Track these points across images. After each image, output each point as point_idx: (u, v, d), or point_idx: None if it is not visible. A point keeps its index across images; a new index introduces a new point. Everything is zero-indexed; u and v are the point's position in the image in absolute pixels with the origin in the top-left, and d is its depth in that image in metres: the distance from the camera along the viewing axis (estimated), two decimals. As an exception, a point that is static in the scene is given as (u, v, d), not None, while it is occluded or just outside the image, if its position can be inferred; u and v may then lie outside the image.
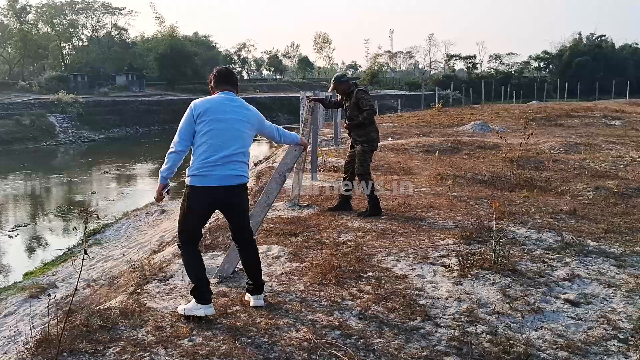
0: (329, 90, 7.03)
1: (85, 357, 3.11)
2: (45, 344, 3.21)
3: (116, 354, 3.15)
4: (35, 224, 14.33)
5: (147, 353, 3.17)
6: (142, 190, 19.33)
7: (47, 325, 3.50)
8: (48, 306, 4.07)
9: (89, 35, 70.68)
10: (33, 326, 4.48)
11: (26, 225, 13.91)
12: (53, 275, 9.54)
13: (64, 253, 11.10)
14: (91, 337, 3.32)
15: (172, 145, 3.73)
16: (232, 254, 4.39)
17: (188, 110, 3.75)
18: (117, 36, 71.68)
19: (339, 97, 6.94)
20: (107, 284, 7.54)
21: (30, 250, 12.31)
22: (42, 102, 40.33)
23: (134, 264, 7.43)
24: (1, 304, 8.09)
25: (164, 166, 3.74)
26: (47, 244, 12.41)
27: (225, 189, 3.67)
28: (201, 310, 3.58)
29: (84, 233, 2.80)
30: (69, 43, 69.78)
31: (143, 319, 3.63)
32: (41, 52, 64.51)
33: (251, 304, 3.89)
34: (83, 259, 3.21)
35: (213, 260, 5.03)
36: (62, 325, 3.27)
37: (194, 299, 3.64)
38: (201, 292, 3.62)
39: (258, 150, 23.68)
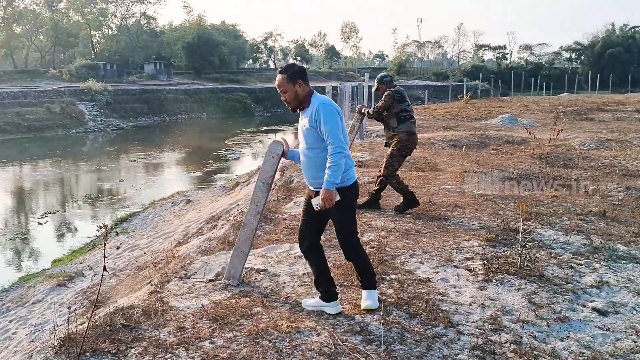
0: (373, 89, 7.09)
1: (108, 358, 3.14)
2: (69, 342, 3.25)
3: (138, 355, 3.17)
4: (65, 211, 14.60)
5: (169, 355, 3.19)
6: (168, 179, 19.56)
7: (68, 321, 3.55)
8: (68, 318, 4.08)
9: (118, 23, 71.49)
10: (57, 324, 4.55)
11: (55, 213, 14.19)
12: (80, 263, 9.71)
13: (91, 241, 11.28)
14: (114, 336, 3.35)
15: (341, 149, 3.58)
16: (234, 260, 4.34)
17: (334, 113, 3.65)
18: (145, 25, 72.33)
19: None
20: (132, 275, 7.65)
21: (59, 237, 12.55)
22: (72, 90, 41.02)
23: (156, 260, 7.53)
24: (30, 292, 8.27)
25: (337, 171, 3.59)
26: (75, 231, 12.65)
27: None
28: (328, 308, 3.80)
29: (104, 251, 2.76)
30: (99, 31, 70.68)
31: (165, 319, 3.66)
32: (72, 41, 65.53)
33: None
34: (102, 276, 3.19)
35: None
36: (85, 324, 3.30)
37: (319, 298, 3.87)
38: (331, 294, 3.84)
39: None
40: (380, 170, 6.82)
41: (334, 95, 13.70)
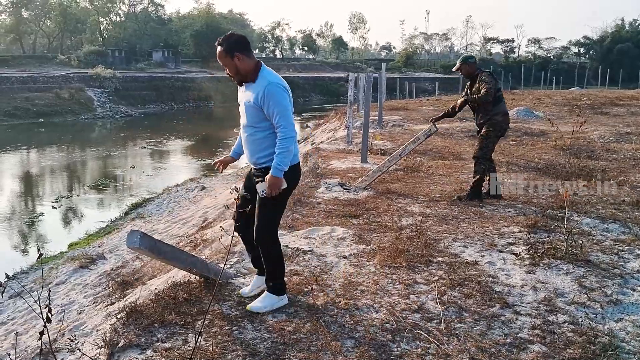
0: (454, 69, 6.66)
1: (176, 329, 3.18)
2: (136, 314, 3.29)
3: (205, 326, 3.21)
4: (78, 196, 14.65)
5: (235, 327, 3.23)
6: (179, 166, 19.62)
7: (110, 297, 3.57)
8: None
9: (126, 10, 71.35)
10: (121, 296, 4.58)
11: (69, 197, 14.25)
12: (99, 246, 9.75)
13: (107, 225, 11.34)
14: (178, 309, 3.39)
15: (292, 134, 3.28)
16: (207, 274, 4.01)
17: (285, 93, 3.32)
18: (153, 12, 72.18)
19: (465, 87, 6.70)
20: (158, 257, 7.69)
21: (74, 221, 12.62)
22: (81, 76, 41.07)
23: (182, 243, 7.57)
24: (52, 273, 8.32)
25: (287, 157, 3.27)
26: (89, 216, 12.69)
27: None
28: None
29: (234, 211, 2.66)
30: (107, 18, 70.57)
31: (224, 294, 3.70)
32: (79, 27, 65.51)
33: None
34: (232, 235, 3.18)
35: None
36: (151, 297, 3.34)
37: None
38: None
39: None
40: (474, 152, 6.56)
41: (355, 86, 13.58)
